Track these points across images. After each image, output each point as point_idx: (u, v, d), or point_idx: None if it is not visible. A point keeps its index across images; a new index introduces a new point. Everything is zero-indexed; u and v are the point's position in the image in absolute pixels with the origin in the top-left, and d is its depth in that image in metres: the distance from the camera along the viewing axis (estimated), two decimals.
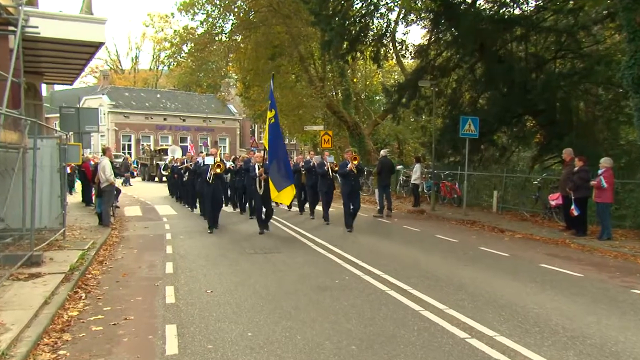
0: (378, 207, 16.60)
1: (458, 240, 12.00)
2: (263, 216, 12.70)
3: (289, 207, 17.39)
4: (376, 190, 17.59)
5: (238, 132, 61.38)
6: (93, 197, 17.84)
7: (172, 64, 30.04)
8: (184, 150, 33.59)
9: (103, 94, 51.96)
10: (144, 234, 12.83)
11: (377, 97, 40.31)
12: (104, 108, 49.41)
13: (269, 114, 12.10)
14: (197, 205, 16.93)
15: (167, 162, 24.56)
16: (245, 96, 32.00)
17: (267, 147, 12.27)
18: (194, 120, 56.79)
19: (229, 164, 15.97)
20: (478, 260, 9.61)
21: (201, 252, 10.45)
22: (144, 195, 23.87)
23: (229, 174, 16.11)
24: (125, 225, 14.30)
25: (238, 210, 17.34)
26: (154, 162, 35.46)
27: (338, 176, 13.99)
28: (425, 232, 13.33)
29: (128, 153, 50.80)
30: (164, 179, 32.99)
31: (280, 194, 12.09)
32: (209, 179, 12.66)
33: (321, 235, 12.35)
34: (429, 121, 24.11)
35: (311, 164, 15.73)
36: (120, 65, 74.12)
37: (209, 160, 12.82)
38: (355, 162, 12.85)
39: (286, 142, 63.20)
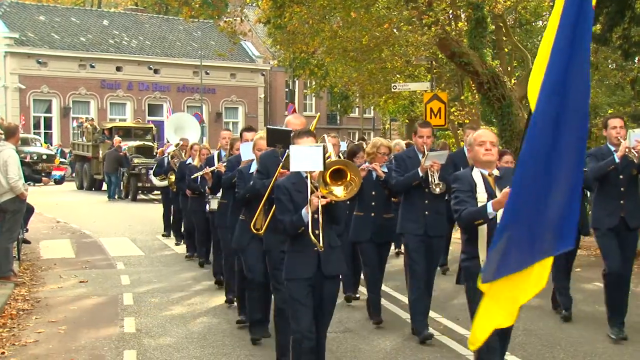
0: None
1: None
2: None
3: None
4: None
5: (262, 96, 61.75)
6: None
7: None
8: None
9: None
10: (79, 294, 12.97)
11: (540, 23, 39.71)
12: None
13: None
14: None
15: (167, 155, 20.56)
16: (277, 24, 31.89)
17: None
18: (177, 70, 58.11)
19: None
20: None
21: (192, 330, 10.41)
22: (78, 219, 24.31)
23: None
24: (43, 277, 14.49)
25: None
26: (102, 153, 35.37)
27: None
28: None
29: (45, 137, 51.44)
30: (140, 191, 33.16)
31: (522, 284, 6.50)
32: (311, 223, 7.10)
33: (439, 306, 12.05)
34: None
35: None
36: None
37: (301, 162, 7.06)
38: None
39: (354, 114, 61.59)
